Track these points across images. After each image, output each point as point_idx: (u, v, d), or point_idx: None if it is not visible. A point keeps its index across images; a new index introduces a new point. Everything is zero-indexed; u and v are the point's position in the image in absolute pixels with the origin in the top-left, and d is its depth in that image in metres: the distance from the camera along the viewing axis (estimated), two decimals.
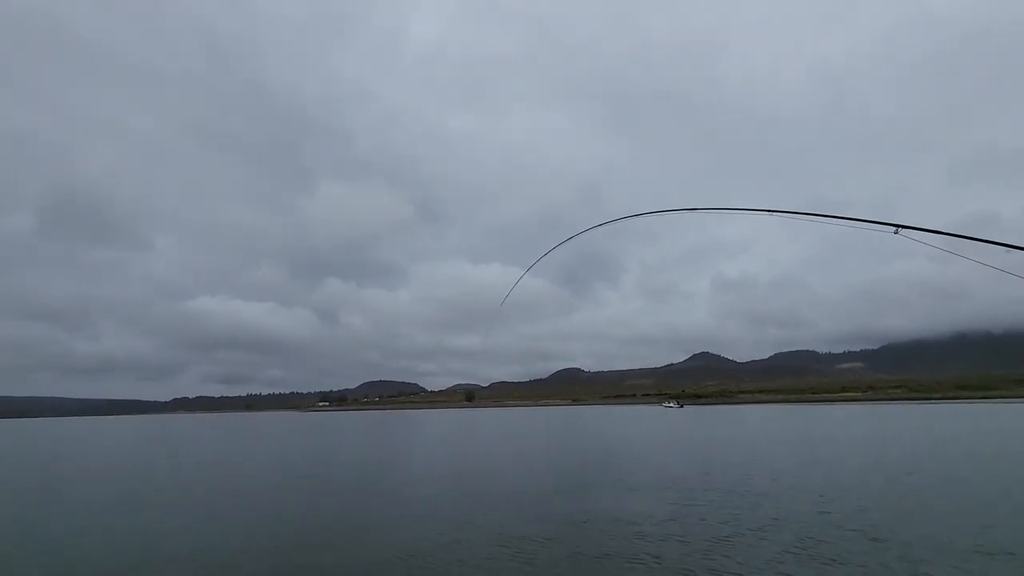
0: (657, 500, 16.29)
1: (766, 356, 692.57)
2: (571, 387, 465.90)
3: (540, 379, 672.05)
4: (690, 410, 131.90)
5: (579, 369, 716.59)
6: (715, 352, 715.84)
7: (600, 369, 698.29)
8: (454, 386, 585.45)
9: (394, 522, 14.35)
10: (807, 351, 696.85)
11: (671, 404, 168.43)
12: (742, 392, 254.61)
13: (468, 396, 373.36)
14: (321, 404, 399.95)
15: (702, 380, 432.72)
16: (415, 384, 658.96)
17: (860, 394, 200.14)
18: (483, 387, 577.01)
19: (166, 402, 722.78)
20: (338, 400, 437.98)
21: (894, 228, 4.72)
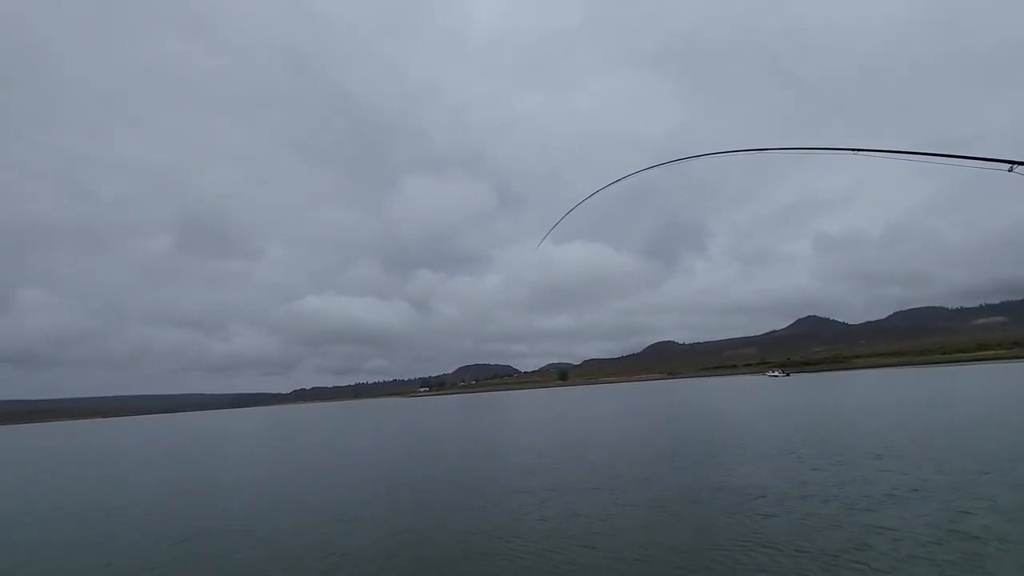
0: (786, 468, 16.32)
1: (883, 316, 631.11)
2: (665, 361, 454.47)
3: (633, 354, 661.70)
4: (798, 378, 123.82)
5: (673, 342, 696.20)
6: (823, 315, 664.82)
7: (696, 341, 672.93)
8: (547, 366, 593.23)
9: (534, 492, 15.69)
10: (933, 308, 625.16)
11: (776, 373, 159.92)
12: (857, 356, 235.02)
13: (561, 375, 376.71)
14: (422, 390, 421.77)
15: (809, 346, 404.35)
16: (508, 366, 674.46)
17: (1004, 351, 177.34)
18: (575, 365, 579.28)
19: (287, 394, 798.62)
20: (437, 385, 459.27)
21: (1008, 165, 4.03)
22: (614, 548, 9.86)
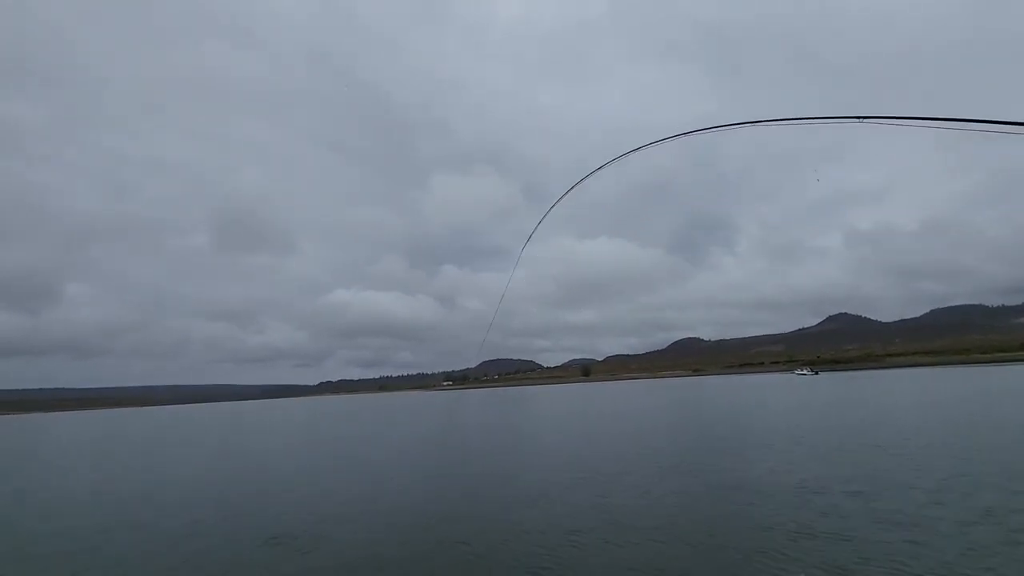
0: (833, 463, 17.13)
1: (919, 314, 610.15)
2: (691, 357, 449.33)
3: (657, 350, 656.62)
4: (828, 377, 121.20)
5: (698, 338, 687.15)
6: (854, 313, 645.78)
7: (722, 337, 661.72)
8: (569, 361, 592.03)
9: (592, 480, 16.85)
10: (973, 305, 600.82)
11: (805, 371, 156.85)
12: (890, 355, 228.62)
13: (584, 371, 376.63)
14: (446, 383, 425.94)
15: (840, 344, 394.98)
16: (531, 361, 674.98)
17: None
18: (598, 361, 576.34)
19: (314, 385, 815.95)
20: (460, 379, 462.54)
21: None
22: (683, 526, 10.97)
